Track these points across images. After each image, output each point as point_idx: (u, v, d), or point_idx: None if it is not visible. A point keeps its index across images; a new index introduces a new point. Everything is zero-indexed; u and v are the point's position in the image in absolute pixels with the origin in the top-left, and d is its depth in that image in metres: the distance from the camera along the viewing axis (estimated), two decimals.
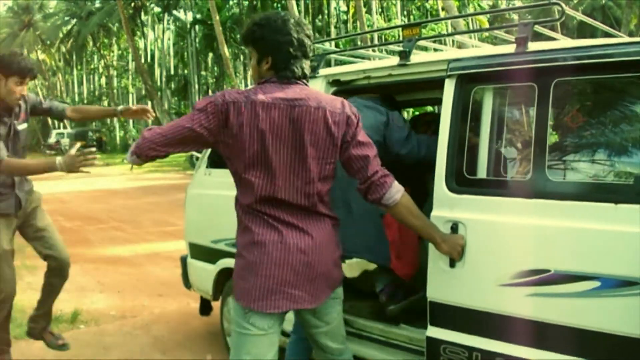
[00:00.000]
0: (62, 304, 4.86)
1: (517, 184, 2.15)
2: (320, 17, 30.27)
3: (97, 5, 36.84)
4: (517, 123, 2.37)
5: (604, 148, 2.15)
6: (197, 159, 4.03)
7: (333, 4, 27.60)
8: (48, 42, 40.16)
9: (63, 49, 41.64)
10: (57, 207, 11.65)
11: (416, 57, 2.60)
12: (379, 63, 2.85)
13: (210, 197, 3.59)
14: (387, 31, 21.88)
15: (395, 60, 2.63)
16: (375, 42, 21.67)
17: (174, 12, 36.79)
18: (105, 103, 44.00)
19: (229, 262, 3.27)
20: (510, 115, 2.38)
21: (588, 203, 1.95)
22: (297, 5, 21.66)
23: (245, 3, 30.63)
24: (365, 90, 2.86)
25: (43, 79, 46.84)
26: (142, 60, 33.91)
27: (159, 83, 37.52)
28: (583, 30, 32.76)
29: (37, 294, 5.24)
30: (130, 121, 41.14)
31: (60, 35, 39.43)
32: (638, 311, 1.79)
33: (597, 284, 1.89)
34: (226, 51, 23.03)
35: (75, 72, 47.15)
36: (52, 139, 36.98)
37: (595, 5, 31.36)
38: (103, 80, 45.44)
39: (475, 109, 2.27)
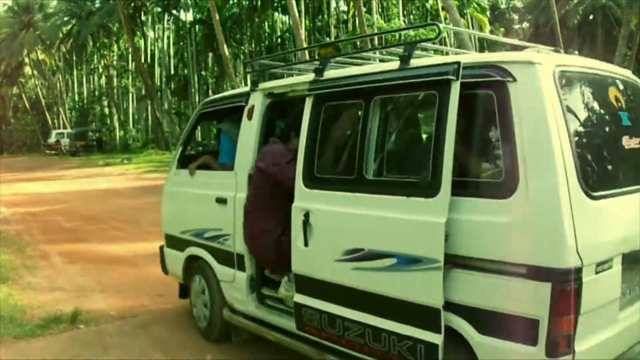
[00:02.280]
0: (62, 304, 4.87)
1: (345, 181, 2.76)
2: (320, 17, 30.27)
3: (97, 5, 36.83)
4: (351, 133, 2.98)
5: (401, 153, 2.88)
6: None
7: (333, 4, 27.58)
8: (48, 42, 40.14)
9: (63, 49, 41.62)
10: (57, 207, 11.65)
11: (329, 72, 3.05)
12: (301, 78, 3.31)
13: (179, 193, 4.20)
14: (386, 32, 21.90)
15: (311, 76, 3.10)
16: (375, 43, 21.67)
17: (174, 12, 36.78)
18: (105, 103, 44.01)
19: (194, 250, 3.91)
20: (346, 127, 3.06)
21: (389, 196, 2.51)
22: (297, 5, 21.65)
23: (245, 3, 30.64)
24: (293, 100, 3.39)
25: (43, 79, 46.85)
26: (142, 60, 33.91)
27: (159, 83, 37.50)
28: (583, 30, 32.78)
29: (37, 294, 5.25)
30: (130, 121, 41.17)
31: (60, 35, 39.40)
32: (422, 283, 2.33)
33: (394, 260, 2.45)
34: (226, 51, 23.03)
35: (75, 72, 47.14)
36: (52, 139, 36.99)
37: (595, 5, 31.31)
38: (103, 80, 45.42)
39: (323, 121, 2.88)
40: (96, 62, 44.46)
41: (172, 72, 39.42)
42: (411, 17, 30.56)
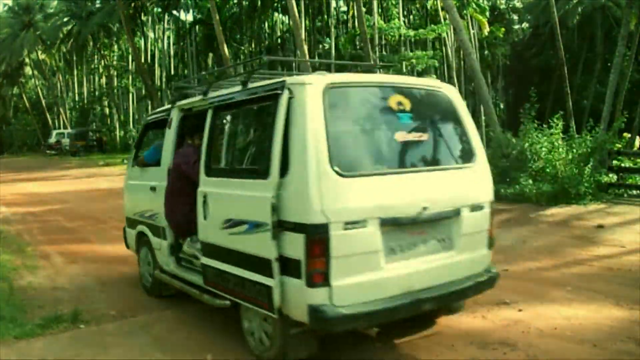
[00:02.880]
0: (62, 304, 4.88)
1: (222, 170, 3.82)
2: (320, 17, 30.26)
3: (98, 5, 36.79)
4: (223, 136, 3.96)
5: (249, 149, 3.80)
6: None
7: (333, 4, 27.57)
8: (48, 42, 40.11)
9: (63, 49, 41.60)
10: (58, 207, 11.65)
11: (212, 93, 4.16)
12: (196, 98, 4.46)
13: (132, 185, 5.44)
14: (387, 31, 21.88)
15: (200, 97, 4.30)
16: (376, 43, 21.66)
17: (174, 12, 36.76)
18: (106, 103, 43.98)
19: (141, 228, 5.14)
20: (220, 131, 3.98)
21: (243, 180, 3.51)
22: (297, 5, 21.64)
23: (245, 3, 30.63)
24: (198, 113, 4.40)
25: (43, 79, 46.84)
26: (142, 61, 33.88)
27: (159, 83, 37.48)
28: (583, 30, 32.75)
29: (37, 294, 5.26)
30: (130, 121, 41.14)
31: (61, 35, 39.37)
32: (262, 241, 3.19)
33: (247, 226, 3.37)
34: (226, 51, 23.02)
35: (75, 72, 47.10)
36: (52, 139, 36.96)
37: (595, 5, 31.27)
38: (103, 80, 45.40)
39: (209, 128, 3.94)
40: (96, 62, 44.43)
41: (173, 72, 39.39)
42: (411, 17, 30.54)
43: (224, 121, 4.02)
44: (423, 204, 3.35)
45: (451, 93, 3.91)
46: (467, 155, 3.78)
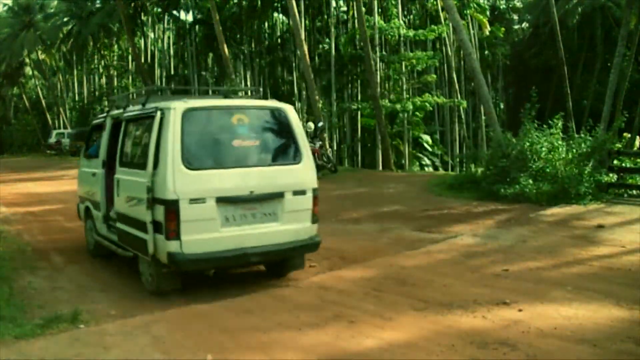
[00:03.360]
0: (62, 304, 4.88)
1: (125, 163, 5.62)
2: (320, 17, 30.24)
3: (98, 5, 36.77)
4: (127, 138, 5.80)
5: (134, 149, 5.57)
6: None
7: (333, 4, 27.54)
8: (48, 42, 40.07)
9: (63, 49, 41.58)
10: (58, 207, 11.64)
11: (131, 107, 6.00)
12: (119, 111, 6.34)
13: (83, 172, 7.33)
14: (388, 31, 21.88)
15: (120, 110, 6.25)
16: (376, 43, 21.66)
17: (174, 12, 36.72)
18: (106, 103, 43.95)
19: (87, 203, 6.97)
20: (128, 136, 5.80)
21: (131, 169, 5.36)
22: (297, 5, 21.63)
23: (245, 3, 30.60)
24: (121, 121, 6.05)
25: (43, 79, 46.81)
26: (142, 61, 33.87)
27: (159, 83, 37.46)
28: (583, 30, 32.74)
29: (37, 294, 5.26)
30: None
31: (61, 35, 39.33)
32: (143, 211, 4.86)
33: (137, 200, 5.10)
34: (226, 51, 23.00)
35: (75, 72, 47.08)
36: (52, 139, 36.92)
37: (595, 5, 31.26)
38: (103, 80, 45.38)
39: (122, 133, 5.82)
40: (96, 62, 44.41)
41: (172, 72, 39.37)
42: (411, 17, 30.52)
43: (130, 129, 5.81)
44: (250, 189, 5.01)
45: (288, 111, 5.48)
46: (294, 156, 5.38)
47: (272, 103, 5.71)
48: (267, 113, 5.46)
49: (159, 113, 4.91)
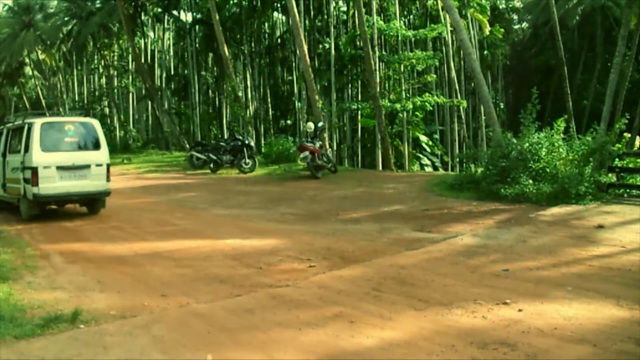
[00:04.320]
0: (62, 304, 4.87)
1: (10, 152, 10.60)
2: (320, 17, 30.22)
3: (98, 5, 36.75)
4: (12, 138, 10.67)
5: (14, 143, 10.46)
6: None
7: (333, 4, 27.53)
8: (48, 42, 40.06)
9: (63, 49, 41.56)
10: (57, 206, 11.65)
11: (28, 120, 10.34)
12: (18, 122, 10.67)
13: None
14: (387, 32, 21.87)
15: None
16: (376, 43, 21.64)
17: (174, 12, 36.69)
18: (106, 103, 43.94)
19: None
20: (12, 137, 10.60)
21: (12, 154, 10.46)
22: (297, 5, 21.64)
23: (245, 3, 30.59)
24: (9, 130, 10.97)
25: (43, 79, 46.81)
26: (142, 61, 33.85)
27: (159, 83, 37.45)
28: (583, 30, 32.74)
29: (37, 294, 5.26)
30: (130, 121, 41.11)
31: (61, 35, 39.30)
32: (19, 174, 9.80)
33: (17, 170, 9.88)
34: (226, 51, 22.99)
35: (75, 72, 47.06)
36: None
37: (595, 5, 31.26)
38: (103, 80, 45.37)
39: (8, 135, 10.79)
40: (96, 62, 44.39)
41: (172, 72, 39.36)
42: (411, 17, 30.52)
43: (11, 134, 10.40)
44: (73, 161, 9.39)
45: (94, 122, 10.22)
46: (96, 146, 9.76)
47: (85, 118, 10.94)
48: (82, 123, 10.04)
49: (27, 125, 9.55)
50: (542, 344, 3.76)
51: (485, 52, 32.49)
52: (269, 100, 33.22)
